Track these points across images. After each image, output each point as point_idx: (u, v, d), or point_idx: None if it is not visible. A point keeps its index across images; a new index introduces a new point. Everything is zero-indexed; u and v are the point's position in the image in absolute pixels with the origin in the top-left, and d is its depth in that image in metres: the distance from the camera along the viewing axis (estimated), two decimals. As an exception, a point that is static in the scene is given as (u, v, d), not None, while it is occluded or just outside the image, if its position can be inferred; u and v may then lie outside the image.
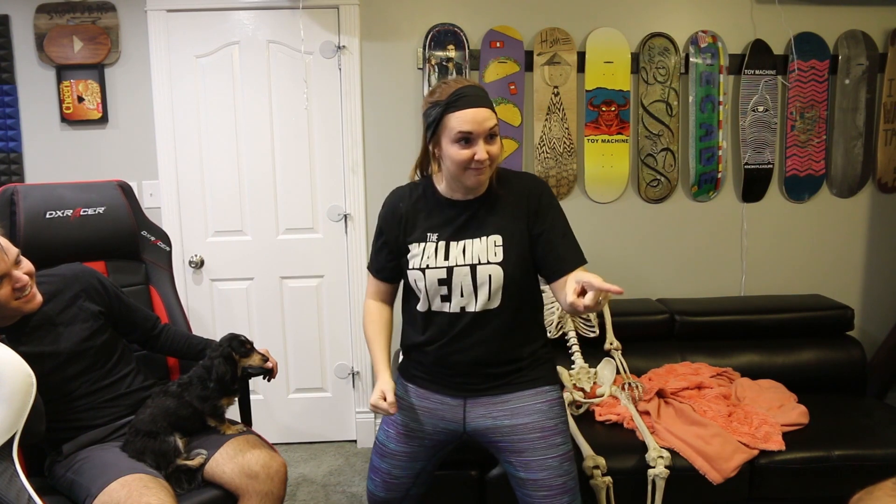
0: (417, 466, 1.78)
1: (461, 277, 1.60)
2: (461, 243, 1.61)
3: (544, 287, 1.77)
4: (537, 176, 1.74)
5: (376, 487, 1.82)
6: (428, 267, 1.61)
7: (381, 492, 1.81)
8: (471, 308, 1.62)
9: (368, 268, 1.79)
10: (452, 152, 1.54)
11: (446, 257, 1.61)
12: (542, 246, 1.62)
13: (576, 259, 1.61)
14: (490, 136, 1.54)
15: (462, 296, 1.61)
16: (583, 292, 1.34)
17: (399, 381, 1.78)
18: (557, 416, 1.68)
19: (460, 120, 1.51)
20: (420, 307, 1.66)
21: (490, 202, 1.63)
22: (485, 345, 1.63)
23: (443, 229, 1.63)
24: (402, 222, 1.68)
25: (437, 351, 1.66)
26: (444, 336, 1.65)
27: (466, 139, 1.52)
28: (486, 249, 1.60)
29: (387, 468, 1.78)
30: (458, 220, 1.63)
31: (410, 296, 1.72)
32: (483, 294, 1.60)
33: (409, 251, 1.66)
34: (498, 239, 1.60)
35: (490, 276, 1.59)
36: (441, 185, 1.66)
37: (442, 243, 1.62)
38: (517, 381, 1.68)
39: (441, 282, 1.61)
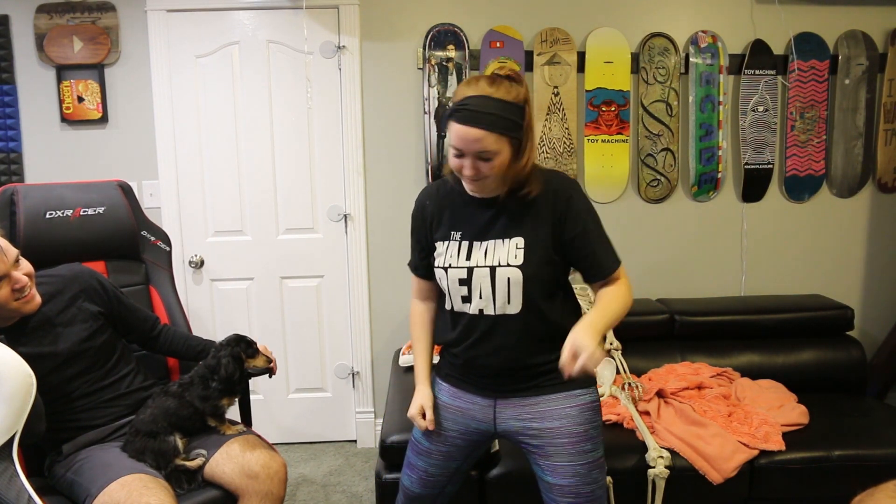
0: (453, 466, 1.76)
1: (481, 279, 1.57)
2: (484, 244, 1.58)
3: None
4: (566, 175, 1.67)
5: (412, 483, 1.80)
6: (450, 266, 1.60)
7: (417, 488, 1.79)
8: (489, 311, 1.58)
9: (409, 265, 1.79)
10: (449, 156, 1.55)
11: (468, 257, 1.58)
12: (575, 250, 1.58)
13: (610, 263, 1.58)
14: (480, 157, 1.48)
15: (481, 298, 1.58)
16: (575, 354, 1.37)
17: (435, 378, 1.77)
18: (588, 421, 1.63)
19: (453, 133, 1.49)
20: (447, 306, 1.65)
21: (515, 202, 1.58)
22: (507, 350, 1.60)
23: (466, 228, 1.61)
24: (428, 220, 1.67)
25: (465, 353, 1.65)
26: (468, 338, 1.63)
27: (459, 153, 1.50)
28: (508, 252, 1.56)
29: (423, 466, 1.76)
30: (482, 220, 1.60)
31: (442, 294, 1.71)
32: (501, 297, 1.57)
33: (435, 249, 1.65)
34: (520, 241, 1.56)
35: (509, 279, 1.55)
36: None
37: (465, 243, 1.60)
38: (547, 383, 1.63)
39: (462, 282, 1.58)
